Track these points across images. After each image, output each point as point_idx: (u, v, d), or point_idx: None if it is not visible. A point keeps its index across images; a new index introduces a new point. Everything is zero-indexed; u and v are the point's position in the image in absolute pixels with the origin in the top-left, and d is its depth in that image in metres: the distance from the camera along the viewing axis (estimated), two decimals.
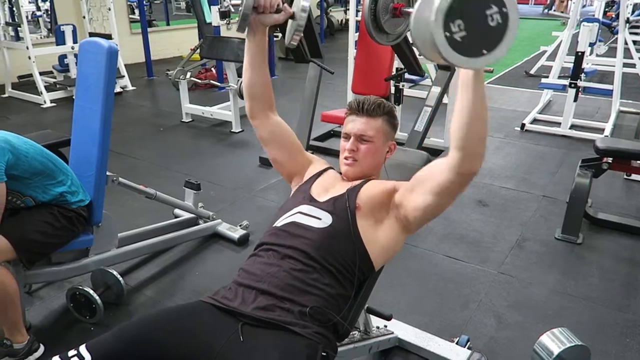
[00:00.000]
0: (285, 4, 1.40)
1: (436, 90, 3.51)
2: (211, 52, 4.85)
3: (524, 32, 12.93)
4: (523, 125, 4.77)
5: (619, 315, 2.23)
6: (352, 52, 4.25)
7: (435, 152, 3.99)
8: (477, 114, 1.06)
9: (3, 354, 1.85)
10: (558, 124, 4.68)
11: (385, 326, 1.98)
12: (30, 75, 5.68)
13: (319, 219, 1.34)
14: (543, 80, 4.90)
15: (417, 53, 4.17)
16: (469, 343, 1.96)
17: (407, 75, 4.23)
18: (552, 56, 6.22)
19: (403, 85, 4.11)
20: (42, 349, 1.94)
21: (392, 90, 4.19)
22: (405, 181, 1.36)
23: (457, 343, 1.96)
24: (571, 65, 4.53)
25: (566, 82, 4.52)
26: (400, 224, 1.34)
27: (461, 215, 3.15)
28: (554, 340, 1.72)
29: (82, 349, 1.12)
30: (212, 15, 5.71)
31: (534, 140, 4.53)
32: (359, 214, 1.34)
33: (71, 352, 1.13)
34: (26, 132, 2.42)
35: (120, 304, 2.23)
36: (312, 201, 1.40)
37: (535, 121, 4.99)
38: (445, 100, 4.12)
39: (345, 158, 1.45)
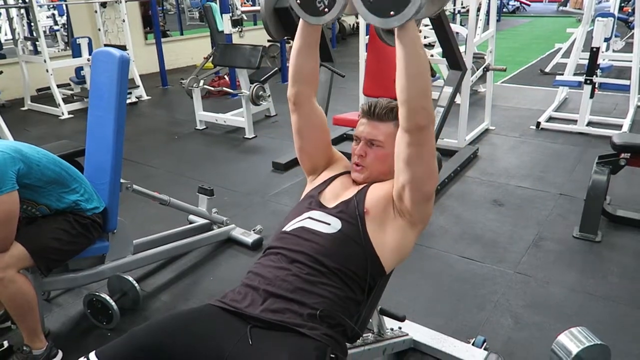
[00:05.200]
0: None
1: (448, 90, 3.49)
2: (224, 60, 4.90)
3: (539, 30, 12.79)
4: (538, 123, 4.71)
5: None
6: (362, 55, 4.24)
7: (449, 153, 3.97)
8: (412, 68, 1.13)
9: (22, 359, 1.88)
10: (574, 122, 4.61)
11: (400, 328, 1.96)
12: (49, 87, 5.80)
13: (328, 224, 1.33)
14: (558, 77, 4.83)
15: (428, 54, 4.16)
16: (485, 344, 1.93)
17: None
18: (567, 53, 6.14)
19: None
20: (60, 354, 1.97)
21: None
22: None
23: (473, 344, 1.93)
24: (586, 62, 4.45)
25: (581, 78, 4.45)
26: (406, 219, 1.33)
27: (476, 215, 3.11)
28: (572, 340, 1.69)
29: (92, 355, 1.13)
30: (224, 23, 5.78)
31: (550, 139, 4.46)
32: (368, 218, 1.32)
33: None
34: (44, 143, 2.49)
35: (136, 310, 2.26)
36: (321, 207, 1.39)
37: (551, 119, 4.92)
38: (458, 100, 4.10)
39: (355, 164, 1.43)
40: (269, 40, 7.67)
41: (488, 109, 4.73)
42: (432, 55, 5.38)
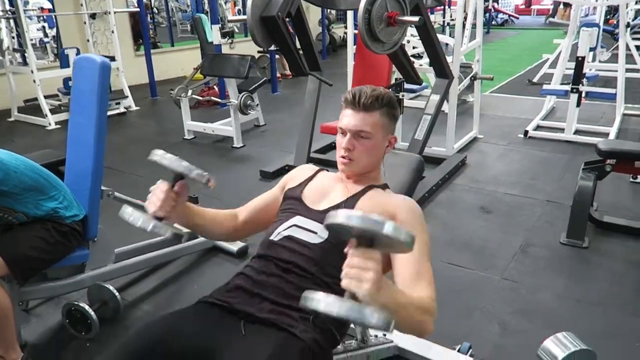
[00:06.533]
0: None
1: (435, 98, 3.50)
2: (212, 69, 4.89)
3: (527, 42, 12.95)
4: (526, 132, 4.73)
5: (629, 320, 2.16)
6: (351, 64, 4.26)
7: (437, 161, 3.97)
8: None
9: None
10: (562, 130, 4.64)
11: (384, 335, 1.93)
12: (36, 99, 5.76)
13: (315, 232, 1.28)
14: (545, 86, 4.87)
15: (416, 64, 4.18)
16: (471, 350, 1.90)
17: (408, 86, 4.23)
18: (555, 64, 6.20)
19: (403, 96, 4.08)
20: None
21: None
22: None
23: (458, 351, 1.90)
24: (572, 72, 4.49)
25: (568, 87, 4.49)
26: None
27: (464, 222, 3.10)
28: (558, 345, 1.66)
29: None
30: (214, 34, 5.79)
31: (538, 147, 4.48)
32: None
33: None
34: (29, 153, 2.45)
35: (117, 320, 2.20)
36: (307, 211, 1.34)
37: (538, 128, 4.95)
38: (445, 108, 4.11)
39: (342, 157, 1.34)
40: (259, 52, 7.71)
41: (476, 117, 4.75)
42: (420, 65, 5.41)
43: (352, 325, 1.83)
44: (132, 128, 5.67)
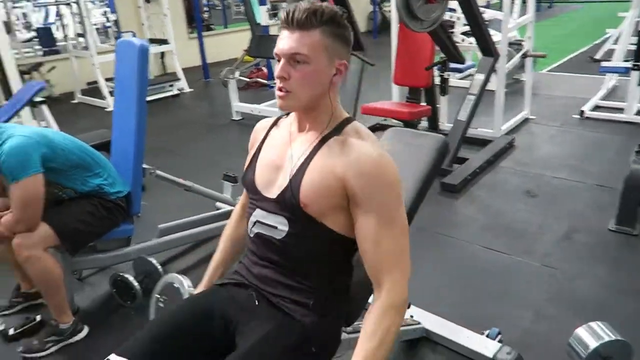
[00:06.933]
0: None
1: (479, 77, 3.39)
2: (258, 51, 4.96)
3: (593, 16, 12.13)
4: (582, 112, 4.49)
5: None
6: (395, 43, 4.18)
7: (483, 143, 3.86)
8: None
9: (50, 333, 2.00)
10: (622, 110, 4.36)
11: (412, 316, 1.94)
12: (96, 81, 6.08)
13: (275, 227, 1.15)
14: (604, 64, 4.58)
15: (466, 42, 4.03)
16: (499, 336, 1.88)
17: (454, 65, 4.12)
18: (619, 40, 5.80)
19: (448, 75, 3.99)
20: (86, 330, 2.08)
21: (438, 80, 4.10)
22: (367, 202, 1.07)
23: (487, 336, 1.88)
24: (635, 48, 4.20)
25: (629, 64, 4.20)
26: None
27: (506, 205, 3.02)
28: (591, 334, 1.61)
29: (112, 356, 1.11)
30: (261, 15, 5.84)
31: (592, 128, 4.25)
32: (310, 210, 1.10)
33: None
34: (86, 133, 2.62)
35: None
36: (263, 201, 1.18)
37: (597, 108, 4.67)
38: (493, 87, 3.97)
39: (279, 89, 1.11)
40: None
41: (528, 97, 4.56)
42: (470, 43, 5.22)
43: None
44: (184, 110, 5.88)
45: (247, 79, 5.69)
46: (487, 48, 3.34)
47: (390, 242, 1.08)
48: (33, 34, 8.04)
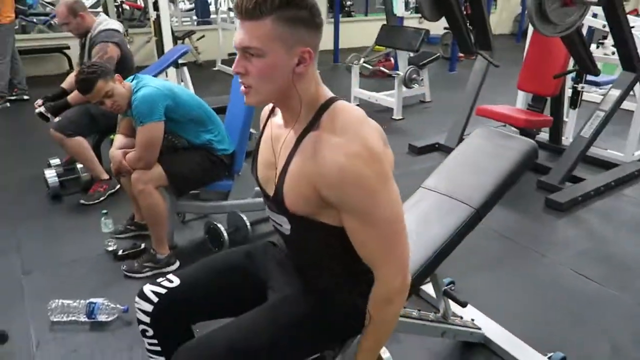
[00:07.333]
0: None
1: (614, 93, 3.09)
2: (386, 40, 5.02)
3: None
4: None
5: None
6: (527, 47, 3.96)
7: (607, 165, 3.53)
8: None
9: (148, 259, 2.32)
10: None
11: (473, 320, 1.91)
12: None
13: (281, 225, 1.15)
14: None
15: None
16: None
17: (592, 78, 3.79)
18: None
19: (582, 88, 3.69)
20: (177, 264, 2.37)
21: (570, 91, 3.81)
22: (351, 212, 1.02)
23: (549, 358, 1.79)
24: None
25: None
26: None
27: (615, 235, 2.77)
28: None
29: (171, 275, 1.30)
30: (398, 7, 5.87)
31: None
32: (301, 212, 1.06)
33: (161, 278, 1.31)
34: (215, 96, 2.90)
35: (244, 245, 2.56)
36: (267, 200, 1.16)
37: None
38: (631, 106, 3.60)
39: (240, 84, 1.04)
40: (445, 28, 7.53)
41: None
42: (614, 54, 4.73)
43: (434, 296, 1.87)
44: None
45: (370, 67, 5.75)
46: (630, 62, 3.02)
47: (375, 241, 1.03)
48: (193, 5, 8.93)
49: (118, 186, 3.00)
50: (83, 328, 2.00)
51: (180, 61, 4.12)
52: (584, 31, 4.37)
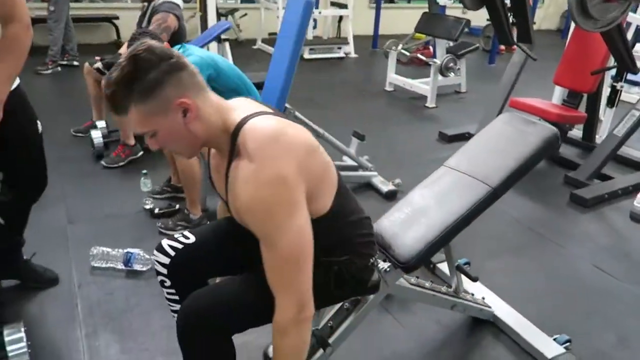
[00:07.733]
0: None
1: None
2: (425, 28, 5.03)
3: None
4: None
5: None
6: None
7: (639, 166, 3.50)
8: None
9: (182, 219, 2.48)
10: None
11: (483, 298, 1.99)
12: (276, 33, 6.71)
13: None
14: None
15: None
16: (568, 344, 1.84)
17: (634, 77, 3.75)
18: None
19: (622, 86, 3.65)
20: None
21: (608, 91, 3.77)
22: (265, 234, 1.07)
23: (554, 339, 1.86)
24: None
25: None
26: None
27: (638, 233, 2.77)
28: None
29: (187, 232, 1.38)
30: None
31: None
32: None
33: (178, 234, 1.38)
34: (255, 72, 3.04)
35: None
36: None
37: None
38: None
39: None
40: (487, 19, 7.42)
41: None
42: None
43: (448, 273, 1.95)
44: (344, 72, 6.23)
45: (407, 53, 5.77)
46: None
47: (276, 267, 1.08)
48: None
49: (141, 153, 3.17)
50: (120, 275, 2.17)
51: (222, 37, 4.26)
52: (632, 30, 4.31)
